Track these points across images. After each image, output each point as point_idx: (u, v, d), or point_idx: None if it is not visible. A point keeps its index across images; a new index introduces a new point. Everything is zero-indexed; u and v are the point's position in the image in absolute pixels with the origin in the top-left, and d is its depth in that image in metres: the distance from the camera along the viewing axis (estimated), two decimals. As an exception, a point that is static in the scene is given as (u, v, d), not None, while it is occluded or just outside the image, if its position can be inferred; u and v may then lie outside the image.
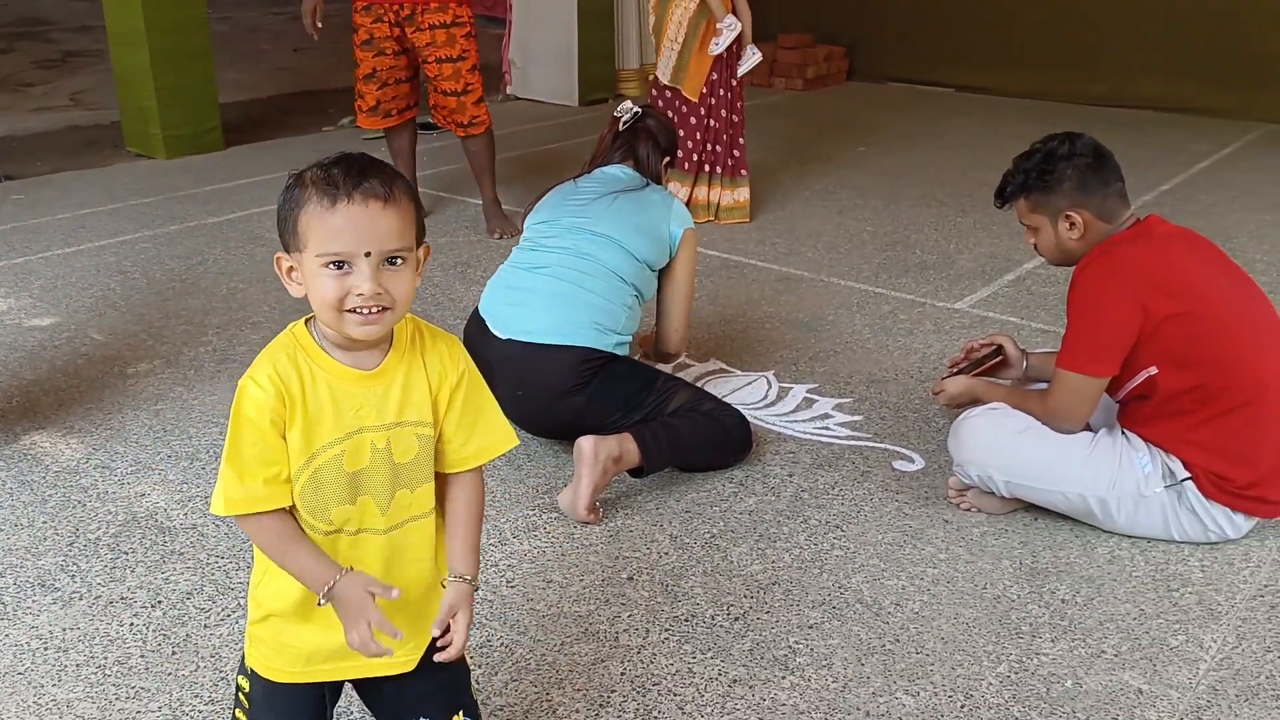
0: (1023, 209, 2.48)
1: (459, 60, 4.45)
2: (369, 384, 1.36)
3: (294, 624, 1.43)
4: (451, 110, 4.55)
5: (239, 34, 10.78)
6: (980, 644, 2.11)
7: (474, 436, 1.44)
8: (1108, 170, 2.40)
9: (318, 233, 1.28)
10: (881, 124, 7.09)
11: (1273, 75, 7.06)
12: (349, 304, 1.28)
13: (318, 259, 1.28)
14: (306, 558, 1.34)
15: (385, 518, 1.40)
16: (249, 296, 3.91)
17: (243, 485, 1.31)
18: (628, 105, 3.07)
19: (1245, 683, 2.01)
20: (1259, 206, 5.18)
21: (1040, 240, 2.49)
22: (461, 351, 1.46)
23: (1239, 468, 2.30)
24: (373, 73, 4.49)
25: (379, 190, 1.28)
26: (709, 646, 2.10)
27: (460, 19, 4.42)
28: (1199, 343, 2.27)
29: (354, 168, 1.29)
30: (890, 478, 2.74)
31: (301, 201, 1.29)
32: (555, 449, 2.84)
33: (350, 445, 1.35)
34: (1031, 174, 2.42)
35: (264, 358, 1.34)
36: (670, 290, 2.91)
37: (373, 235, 1.27)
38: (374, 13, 4.38)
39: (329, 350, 1.35)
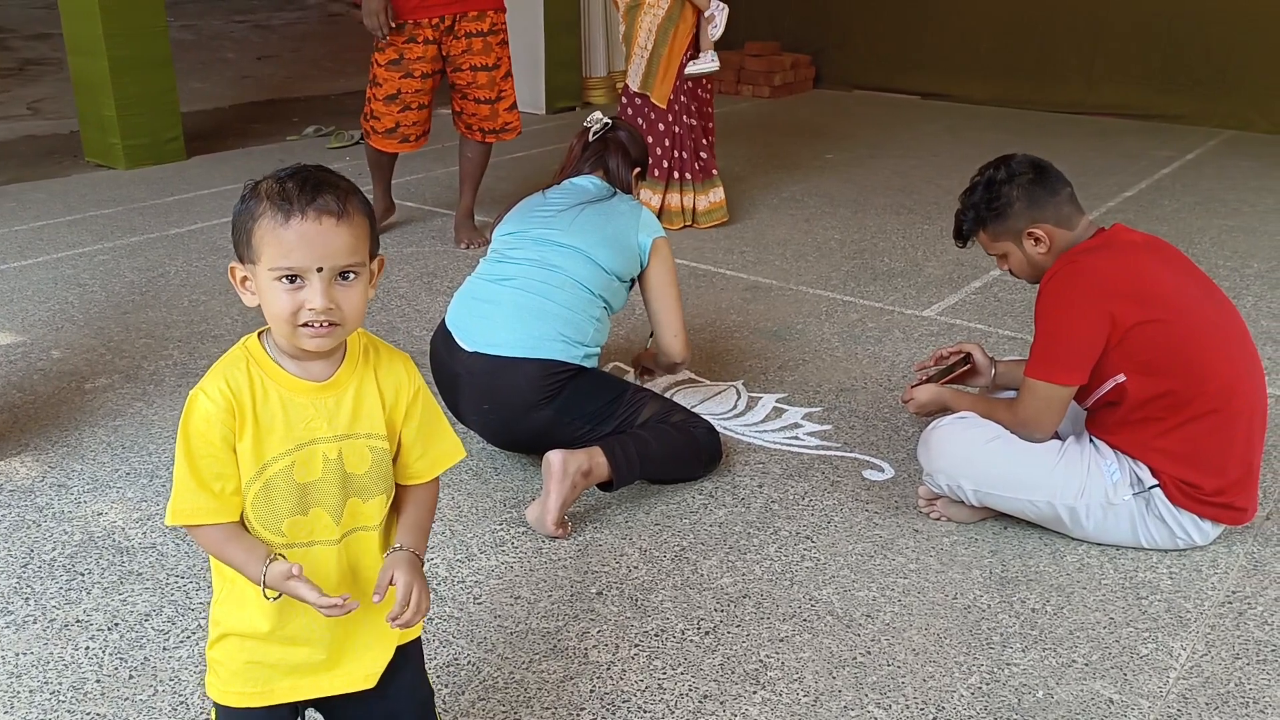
0: (985, 241, 2.50)
1: (494, 69, 4.41)
2: (320, 395, 1.37)
3: (252, 641, 1.42)
4: (483, 118, 4.49)
5: (201, 42, 10.66)
6: (951, 655, 2.10)
7: (428, 450, 1.47)
8: (1051, 180, 2.42)
9: (271, 247, 1.28)
10: (848, 132, 7.12)
11: (1232, 81, 7.15)
12: (301, 318, 1.29)
13: (270, 272, 1.29)
14: (239, 555, 1.35)
15: (338, 527, 1.40)
16: (211, 309, 3.85)
17: (194, 497, 1.32)
18: (597, 116, 3.05)
19: (1215, 690, 2.01)
20: (1221, 212, 5.23)
21: (1013, 264, 2.50)
22: (414, 366, 1.47)
23: (1207, 475, 2.31)
24: (396, 94, 4.36)
25: (333, 206, 1.28)
26: (679, 662, 2.08)
27: (497, 27, 4.39)
28: (1167, 350, 2.28)
29: (309, 182, 1.29)
30: (860, 487, 2.73)
31: (256, 214, 1.29)
32: (523, 463, 2.81)
33: (301, 456, 1.35)
34: (980, 206, 2.45)
35: (216, 370, 1.35)
36: (654, 301, 2.88)
37: (325, 251, 1.28)
38: (408, 32, 4.25)
39: (280, 361, 1.37)
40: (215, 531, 1.35)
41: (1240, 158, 6.39)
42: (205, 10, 13.03)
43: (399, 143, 4.47)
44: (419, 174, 5.77)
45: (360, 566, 1.44)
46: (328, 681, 1.45)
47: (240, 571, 1.36)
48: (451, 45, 4.32)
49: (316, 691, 1.45)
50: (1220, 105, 7.19)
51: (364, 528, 1.43)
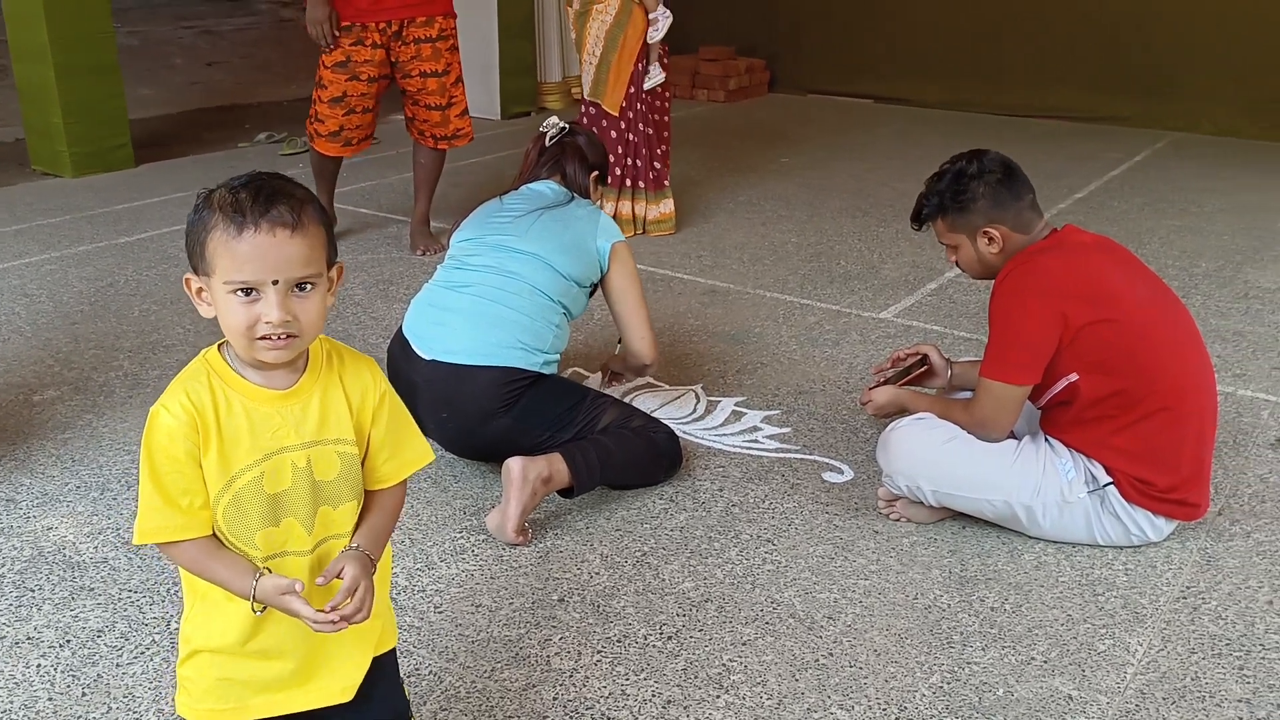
0: (941, 229, 2.51)
1: (444, 74, 4.37)
2: (285, 403, 1.35)
3: (224, 657, 1.40)
4: (434, 124, 4.45)
5: (148, 48, 10.50)
6: (913, 655, 2.12)
7: (396, 453, 1.46)
8: (1018, 183, 2.44)
9: (225, 260, 1.27)
10: (803, 135, 7.16)
11: (1178, 84, 7.28)
12: (258, 331, 1.28)
13: (225, 285, 1.27)
14: (222, 571, 1.33)
15: (310, 537, 1.39)
16: (162, 318, 3.79)
17: (161, 515, 1.30)
18: (553, 121, 3.04)
19: (1172, 685, 2.04)
20: (1169, 213, 5.32)
21: (961, 257, 2.51)
22: (380, 370, 1.46)
23: (1160, 472, 2.34)
24: (341, 97, 4.31)
25: (287, 218, 1.26)
26: (642, 667, 2.07)
27: (446, 32, 4.34)
28: (1118, 349, 2.31)
29: (262, 193, 1.28)
30: (820, 489, 2.74)
31: (209, 225, 1.27)
32: (483, 470, 2.79)
33: (269, 466, 1.34)
34: (945, 195, 2.46)
35: (176, 385, 1.33)
36: (618, 305, 2.87)
37: (279, 264, 1.27)
38: (355, 34, 4.21)
39: (242, 372, 1.35)
40: (192, 548, 1.33)
41: (1186, 159, 6.51)
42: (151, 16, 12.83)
43: (341, 146, 4.43)
44: (374, 180, 5.73)
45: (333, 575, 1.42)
46: (303, 696, 1.43)
47: (225, 587, 1.34)
48: (400, 51, 4.29)
49: (291, 706, 1.43)
50: (1166, 108, 7.31)
51: (335, 536, 1.42)
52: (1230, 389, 3.30)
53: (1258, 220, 5.18)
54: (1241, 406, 3.20)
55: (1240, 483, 2.77)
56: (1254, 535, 2.54)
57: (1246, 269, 4.48)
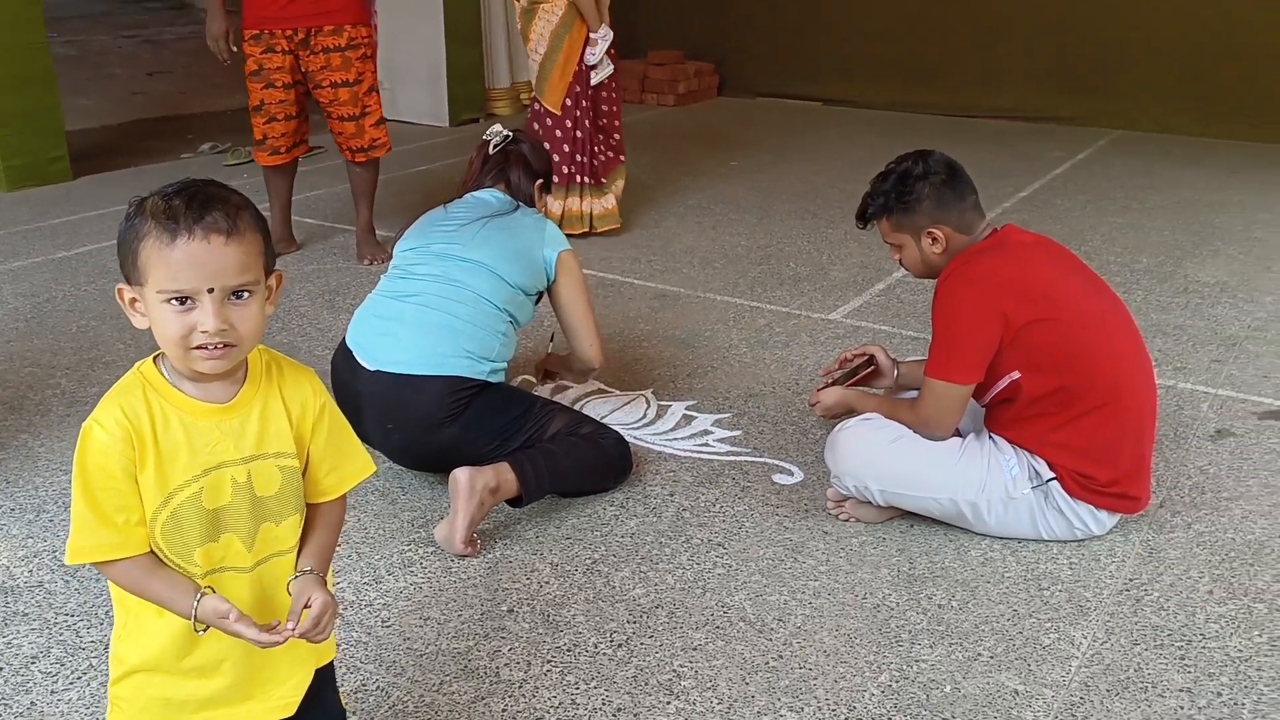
0: (885, 229, 2.53)
1: (355, 84, 4.31)
2: (224, 417, 1.33)
3: (160, 676, 1.37)
4: (350, 136, 4.39)
5: (88, 59, 10.33)
6: (862, 654, 2.12)
7: (338, 465, 1.44)
8: (962, 184, 2.46)
9: (158, 269, 1.24)
10: (753, 138, 7.19)
11: (1118, 83, 7.40)
12: (194, 340, 1.25)
13: (159, 295, 1.24)
14: (163, 590, 1.31)
15: (251, 554, 1.36)
16: (101, 334, 3.72)
17: (96, 533, 1.27)
18: (497, 129, 3.03)
19: (1115, 677, 2.06)
20: (1111, 210, 5.40)
21: (905, 256, 2.53)
22: (319, 381, 1.44)
23: (1101, 466, 2.37)
24: (260, 105, 4.27)
25: (221, 224, 1.24)
26: (592, 676, 2.06)
27: (356, 41, 4.27)
28: (1058, 347, 2.33)
29: (196, 199, 1.25)
30: (770, 491, 2.75)
31: (141, 234, 1.25)
32: (431, 481, 2.77)
33: (209, 481, 1.31)
34: (890, 195, 2.47)
35: (110, 399, 1.30)
36: (566, 314, 2.87)
37: (215, 271, 1.24)
38: (264, 42, 4.17)
39: (179, 385, 1.32)
40: (130, 567, 1.30)
41: (1128, 156, 6.61)
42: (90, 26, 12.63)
43: (269, 155, 4.37)
44: (320, 189, 5.67)
45: (275, 593, 1.40)
46: (244, 713, 1.40)
47: (165, 606, 1.31)
48: (309, 61, 4.23)
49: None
50: (1108, 106, 7.43)
51: (278, 553, 1.40)
52: (1171, 382, 3.35)
53: (1197, 216, 5.28)
54: (1182, 399, 3.25)
55: (1181, 475, 2.81)
56: (1194, 526, 2.58)
57: (1186, 264, 4.56)
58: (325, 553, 1.44)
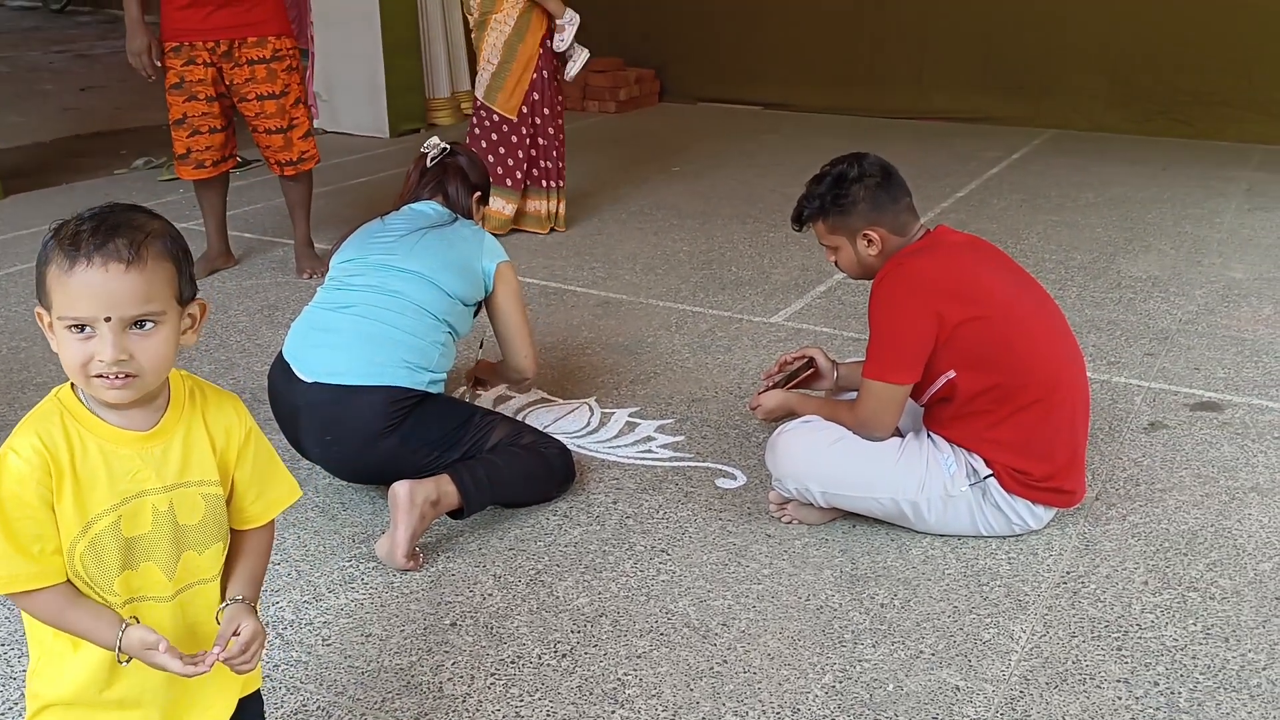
0: (821, 231, 2.54)
1: (281, 96, 4.24)
2: (145, 445, 1.30)
3: (78, 710, 1.34)
4: (278, 149, 4.32)
5: (18, 75, 10.12)
6: (805, 656, 2.13)
7: (264, 492, 1.42)
8: (896, 187, 2.48)
9: (58, 295, 1.22)
10: (694, 144, 7.22)
11: (1050, 84, 7.54)
12: (93, 369, 1.23)
13: (60, 321, 1.23)
14: (86, 620, 1.28)
15: (171, 582, 1.34)
16: (31, 355, 3.64)
17: (12, 563, 1.24)
18: (434, 141, 3.01)
19: (1054, 670, 2.09)
20: (1046, 208, 5.49)
21: (841, 259, 2.55)
22: (244, 407, 1.42)
23: (1036, 462, 2.40)
24: (182, 118, 4.19)
25: (122, 253, 1.21)
26: (536, 687, 2.05)
27: (280, 52, 4.21)
28: (992, 345, 2.37)
29: (104, 226, 1.23)
30: (714, 496, 2.75)
31: (48, 259, 1.23)
32: (371, 495, 2.74)
33: (128, 510, 1.29)
34: (826, 198, 2.48)
35: (26, 426, 1.27)
36: (502, 325, 2.87)
37: (110, 300, 1.22)
38: (184, 54, 4.10)
39: (98, 412, 1.29)
40: (49, 597, 1.27)
41: (1062, 155, 6.73)
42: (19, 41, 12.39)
43: (194, 169, 4.29)
44: (258, 203, 5.60)
45: (198, 622, 1.38)
46: None
47: (87, 637, 1.29)
48: (234, 74, 4.17)
49: None
50: (1041, 106, 7.56)
51: (200, 581, 1.37)
52: (1105, 376, 3.41)
53: (1129, 212, 5.38)
54: (1116, 393, 3.32)
55: (1116, 467, 2.86)
56: (1129, 518, 2.62)
57: (1119, 260, 4.65)
58: (255, 581, 1.43)
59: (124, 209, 1.27)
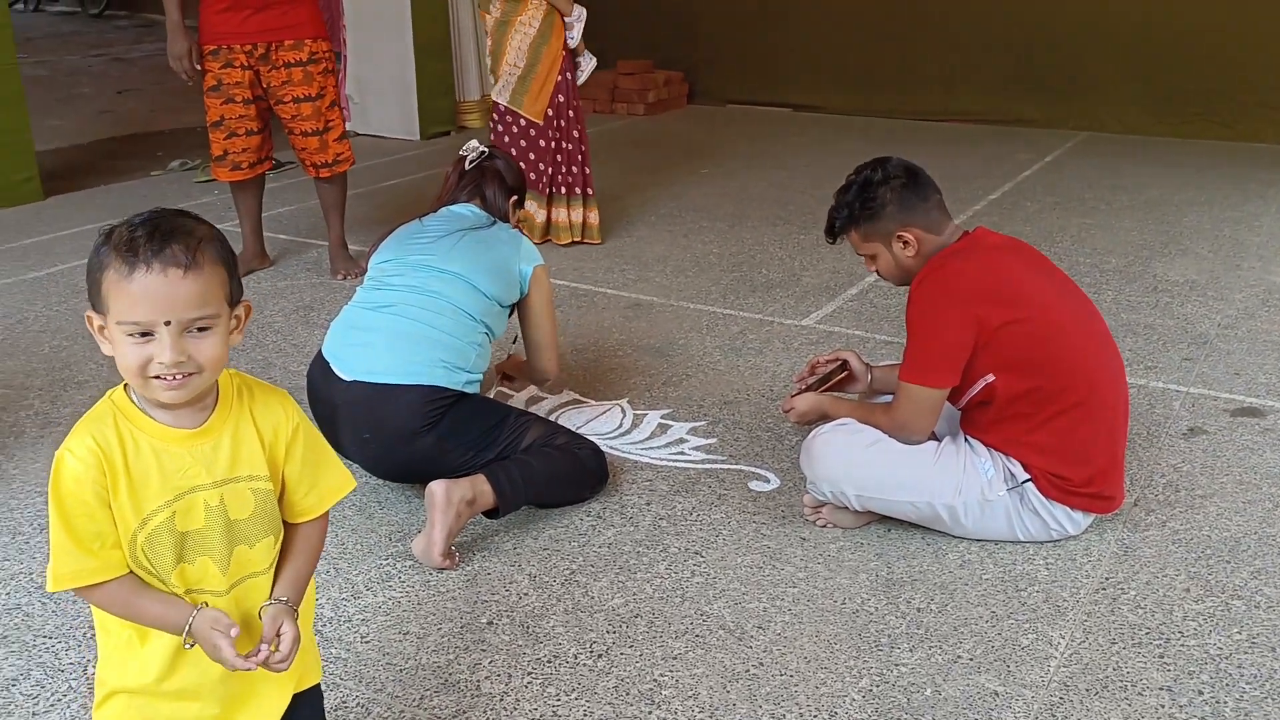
0: (856, 241, 2.55)
1: (318, 98, 4.29)
2: (195, 443, 1.33)
3: (142, 698, 1.38)
4: (314, 151, 4.37)
5: (57, 78, 10.26)
6: (842, 660, 2.13)
7: (316, 484, 1.45)
8: (923, 185, 2.48)
9: (117, 300, 1.25)
10: (723, 146, 7.21)
11: (1085, 85, 7.47)
12: (152, 371, 1.26)
13: (119, 326, 1.26)
14: (156, 606, 1.32)
15: (225, 577, 1.37)
16: (74, 354, 3.69)
17: (75, 559, 1.28)
18: (473, 144, 3.04)
19: (1094, 676, 2.08)
20: (1080, 211, 5.45)
21: (880, 265, 2.55)
22: (293, 403, 1.44)
23: (1075, 467, 2.39)
24: (220, 120, 4.24)
25: (180, 259, 1.25)
26: (573, 687, 2.06)
27: (317, 55, 4.26)
28: (1032, 348, 2.35)
29: (158, 231, 1.26)
30: (747, 499, 2.75)
31: (104, 264, 1.26)
32: (408, 494, 2.76)
33: (181, 506, 1.32)
34: (855, 205, 2.49)
35: (81, 427, 1.31)
36: (532, 328, 2.91)
37: (171, 305, 1.25)
38: (223, 57, 4.15)
39: (149, 412, 1.32)
40: (114, 589, 1.31)
41: (1095, 158, 6.68)
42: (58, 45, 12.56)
43: (230, 170, 4.34)
44: (292, 205, 5.64)
45: (252, 615, 1.41)
46: None
47: (158, 623, 1.33)
48: (270, 76, 4.21)
49: None
50: (1074, 108, 7.50)
51: (253, 574, 1.40)
52: (1142, 381, 3.38)
53: (1165, 215, 5.33)
54: (1154, 398, 3.29)
55: (1154, 473, 2.84)
56: (1169, 524, 2.60)
57: (1155, 263, 4.61)
58: (301, 581, 1.45)
59: (172, 214, 1.30)
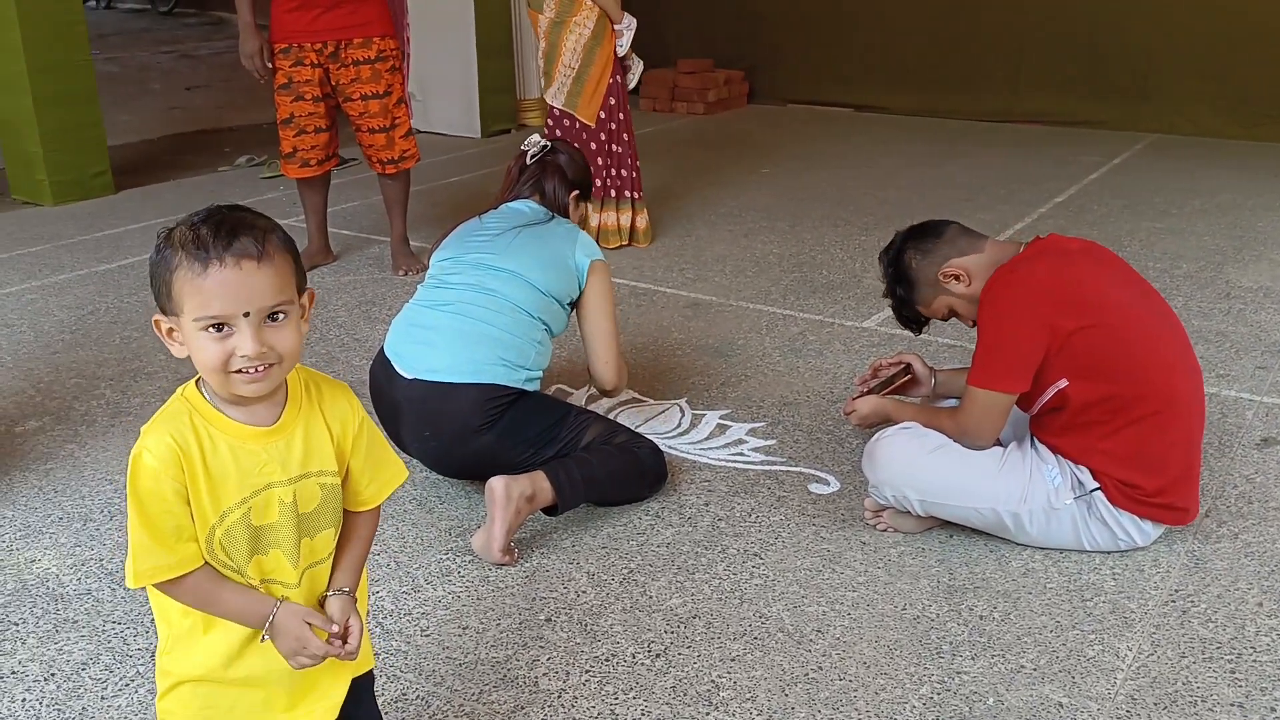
0: (924, 311, 2.60)
1: (385, 95, 4.35)
2: (270, 440, 1.35)
3: (207, 685, 1.40)
4: (380, 148, 4.43)
5: (127, 74, 10.49)
6: (902, 666, 2.11)
7: (376, 475, 1.48)
8: (930, 227, 2.56)
9: (193, 297, 1.26)
10: (783, 145, 7.18)
11: (1155, 86, 7.32)
12: (234, 365, 1.27)
13: (196, 323, 1.26)
14: (237, 599, 1.35)
15: (295, 569, 1.39)
16: (143, 345, 3.77)
17: (154, 555, 1.30)
18: (535, 139, 3.04)
19: (1162, 690, 2.03)
20: (1149, 214, 5.34)
21: (958, 310, 2.54)
22: (355, 398, 1.46)
23: (1147, 476, 2.33)
24: (290, 118, 4.32)
25: (251, 249, 1.26)
26: (631, 686, 2.06)
27: (385, 53, 4.32)
28: (1107, 355, 2.30)
29: (224, 226, 1.27)
30: (806, 501, 2.74)
31: (172, 265, 1.26)
32: (467, 490, 2.78)
33: (257, 502, 1.34)
34: (895, 289, 2.59)
35: (157, 425, 1.32)
36: (587, 325, 2.85)
37: (249, 295, 1.26)
38: (293, 55, 4.22)
39: (224, 410, 1.34)
40: (194, 583, 1.33)
41: (1166, 160, 6.54)
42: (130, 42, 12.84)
43: (299, 167, 4.41)
44: (355, 201, 5.72)
45: (314, 594, 1.44)
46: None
47: (239, 615, 1.35)
48: (339, 74, 4.27)
49: None
50: (1144, 110, 7.35)
51: (318, 562, 1.43)
52: (1214, 390, 3.30)
53: (1238, 220, 5.21)
54: (1226, 407, 3.21)
55: (1226, 484, 2.77)
56: (1241, 537, 2.54)
57: (1227, 269, 4.50)
58: (358, 568, 1.48)
59: (229, 209, 1.30)
